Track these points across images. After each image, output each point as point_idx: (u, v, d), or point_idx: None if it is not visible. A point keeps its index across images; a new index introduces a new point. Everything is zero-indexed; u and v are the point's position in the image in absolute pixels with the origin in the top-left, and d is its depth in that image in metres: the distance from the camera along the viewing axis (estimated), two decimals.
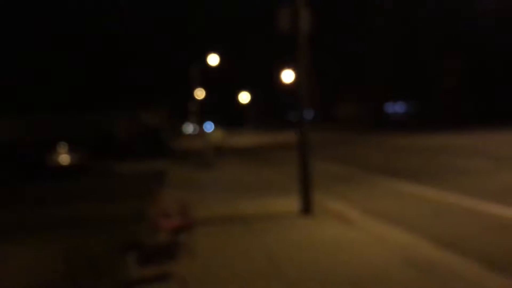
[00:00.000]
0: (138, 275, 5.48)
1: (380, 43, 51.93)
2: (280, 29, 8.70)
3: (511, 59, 40.44)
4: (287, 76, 30.73)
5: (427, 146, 23.64)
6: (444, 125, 41.28)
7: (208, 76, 60.60)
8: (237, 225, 7.93)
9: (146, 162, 22.01)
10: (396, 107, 57.50)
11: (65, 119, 28.83)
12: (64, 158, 20.12)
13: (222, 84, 74.87)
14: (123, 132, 29.62)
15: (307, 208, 8.53)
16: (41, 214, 10.42)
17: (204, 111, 68.02)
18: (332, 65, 58.56)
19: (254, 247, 6.60)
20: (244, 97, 72.11)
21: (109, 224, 8.44)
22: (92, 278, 5.53)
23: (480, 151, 18.16)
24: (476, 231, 7.07)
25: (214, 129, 20.68)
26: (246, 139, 42.05)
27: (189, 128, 59.68)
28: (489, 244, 6.36)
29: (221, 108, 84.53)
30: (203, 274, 5.56)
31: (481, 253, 5.93)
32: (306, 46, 8.63)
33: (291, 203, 9.20)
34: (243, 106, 75.14)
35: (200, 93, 61.46)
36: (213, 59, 45.50)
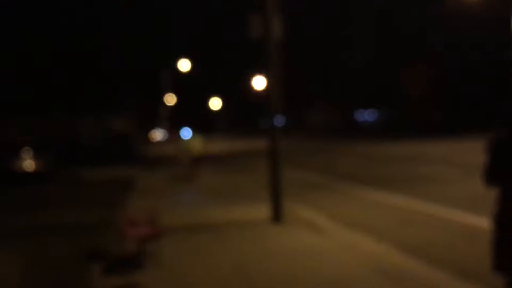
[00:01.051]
0: (102, 285, 5.31)
1: (351, 51, 52.65)
2: (251, 36, 8.67)
3: (477, 69, 41.49)
4: (258, 82, 30.76)
5: (396, 154, 23.98)
6: (412, 133, 42.08)
7: (178, 82, 60.32)
8: (206, 234, 7.82)
9: (114, 169, 21.62)
10: (366, 115, 58.28)
11: (29, 123, 28.15)
12: (28, 164, 19.60)
13: (192, 90, 74.55)
14: (90, 138, 29.11)
15: (277, 216, 8.48)
16: (0, 221, 10.06)
17: (174, 116, 67.60)
18: (303, 72, 59.00)
19: (223, 255, 6.50)
20: (215, 103, 71.91)
21: (73, 232, 8.19)
22: None
23: (448, 159, 18.49)
24: (444, 239, 7.14)
25: (193, 137, 18.16)
26: (217, 145, 41.88)
27: (158, 134, 59.12)
28: (457, 252, 6.42)
29: (191, 114, 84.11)
30: (169, 283, 5.44)
31: (449, 261, 5.97)
32: (276, 53, 8.61)
33: (261, 210, 9.12)
34: (214, 112, 74.91)
35: (170, 99, 61.11)
36: (183, 65, 45.29)
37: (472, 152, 21.66)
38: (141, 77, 39.69)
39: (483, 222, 8.00)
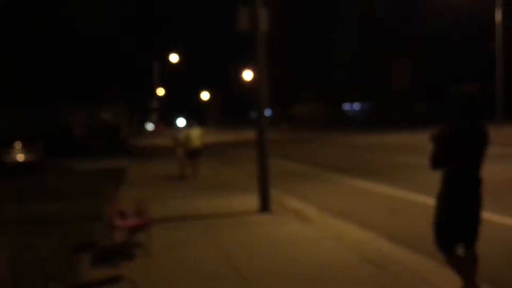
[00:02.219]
0: (89, 277, 5.38)
1: (339, 44, 52.73)
2: (239, 28, 8.71)
3: (460, 60, 41.71)
4: (248, 74, 30.76)
5: (381, 144, 24.17)
6: (396, 124, 42.46)
7: (169, 74, 60.10)
8: (195, 225, 7.89)
9: (104, 160, 21.60)
10: (352, 107, 58.50)
11: (21, 114, 27.97)
12: (18, 154, 19.52)
13: (183, 82, 74.30)
14: (81, 129, 29.00)
15: (265, 206, 8.58)
16: None
17: (164, 108, 67.31)
18: (291, 64, 59.02)
19: (212, 246, 6.59)
20: (205, 95, 71.80)
21: (62, 223, 8.22)
22: (39, 282, 5.36)
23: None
24: (428, 226, 7.22)
25: (191, 127, 14.90)
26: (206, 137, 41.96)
27: (149, 125, 58.90)
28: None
29: (182, 105, 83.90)
30: (158, 274, 5.51)
31: (434, 248, 6.08)
32: (264, 45, 8.67)
33: (250, 201, 9.22)
34: (203, 103, 74.80)
35: (161, 91, 60.85)
36: (174, 57, 45.21)
37: None
38: (131, 69, 39.54)
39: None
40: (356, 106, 57.51)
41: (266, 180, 8.65)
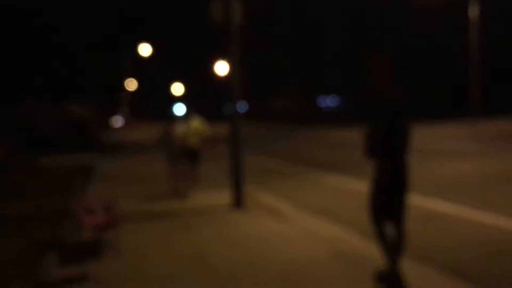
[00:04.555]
0: (56, 276, 5.15)
1: (314, 40, 52.86)
2: (213, 21, 8.53)
3: (436, 55, 42.30)
4: (221, 68, 30.50)
5: (357, 139, 24.26)
6: None
7: (141, 67, 59.22)
8: (166, 221, 7.71)
9: (73, 156, 21.11)
10: (328, 101, 58.78)
11: None
12: None
13: (155, 75, 73.44)
14: (48, 125, 28.26)
15: (238, 202, 8.45)
16: None
17: (135, 102, 66.37)
18: (266, 58, 58.93)
19: (183, 243, 6.43)
20: (177, 89, 71.11)
21: (29, 222, 7.94)
22: (4, 282, 5.11)
23: None
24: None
25: (190, 118, 10.82)
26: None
27: (119, 120, 58.01)
28: (413, 235, 6.54)
29: (153, 99, 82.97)
30: (128, 272, 5.32)
31: (408, 244, 6.07)
32: (238, 38, 8.51)
33: (223, 197, 9.08)
34: (175, 97, 74.01)
35: (131, 84, 59.96)
36: (144, 49, 44.41)
37: (430, 137, 22.21)
38: (100, 62, 38.73)
39: (441, 207, 8.21)
40: (332, 100, 57.81)
41: (239, 176, 8.51)
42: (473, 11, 29.40)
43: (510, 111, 34.54)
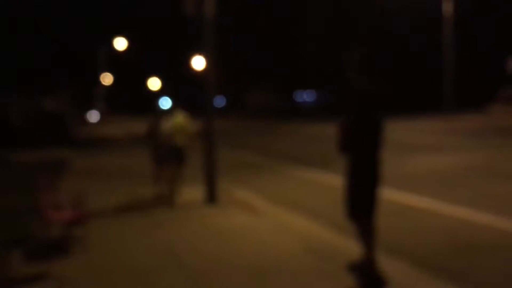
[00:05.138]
0: (16, 274, 5.01)
1: (291, 35, 52.87)
2: (184, 13, 8.41)
3: (412, 51, 42.72)
4: (197, 62, 30.25)
5: (332, 134, 24.34)
6: None
7: (115, 61, 58.45)
8: (138, 216, 7.60)
9: (46, 151, 20.72)
10: (305, 96, 58.93)
11: None
12: None
13: (130, 69, 72.62)
14: (21, 119, 27.67)
15: (212, 198, 8.37)
16: None
17: (111, 97, 65.55)
18: (244, 52, 58.77)
19: (155, 238, 6.33)
20: (154, 83, 70.49)
21: None
22: None
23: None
24: (380, 218, 7.27)
25: (175, 113, 9.02)
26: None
27: (94, 114, 57.16)
28: (386, 229, 6.56)
29: (129, 93, 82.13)
30: (96, 269, 5.21)
31: (379, 238, 6.08)
32: (212, 31, 8.40)
33: (196, 193, 8.97)
34: (153, 92, 73.32)
35: (107, 79, 59.13)
36: (120, 43, 43.82)
37: (405, 131, 22.41)
38: (75, 55, 37.97)
39: (413, 200, 8.27)
40: (310, 95, 57.95)
41: (213, 171, 8.43)
42: (447, 8, 29.75)
43: (483, 106, 35.11)
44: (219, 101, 72.91)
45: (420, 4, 38.34)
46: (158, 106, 9.25)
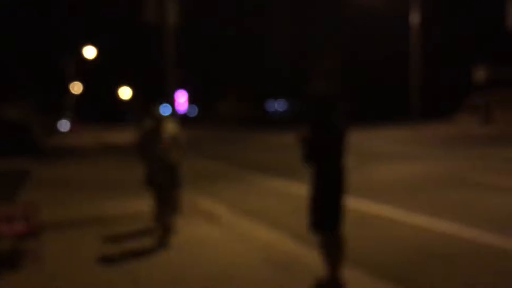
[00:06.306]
0: None
1: (263, 44, 53.12)
2: (146, 20, 8.31)
3: (370, 61, 43.27)
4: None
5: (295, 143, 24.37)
6: None
7: (84, 70, 57.61)
8: (95, 228, 7.39)
9: (9, 160, 20.18)
10: (276, 105, 59.19)
11: None
12: None
13: (101, 77, 71.74)
14: None
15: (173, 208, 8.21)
16: None
17: (81, 106, 64.52)
18: (214, 62, 58.74)
19: (109, 251, 6.15)
20: (125, 92, 69.73)
21: None
22: None
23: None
24: (343, 227, 7.25)
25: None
26: (124, 135, 40.62)
27: (63, 124, 56.15)
28: (347, 238, 6.55)
29: (100, 102, 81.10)
30: (47, 284, 5.03)
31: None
32: (173, 38, 8.32)
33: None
34: (123, 101, 72.57)
35: (76, 88, 58.22)
36: (89, 52, 43.31)
37: (371, 140, 22.65)
38: (41, 64, 37.29)
39: (376, 209, 8.29)
40: (281, 104, 58.21)
41: None
42: (414, 17, 30.31)
43: (450, 115, 35.79)
44: (192, 111, 72.60)
45: (387, 15, 39.00)
46: (157, 111, 6.53)
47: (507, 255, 5.66)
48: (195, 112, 73.65)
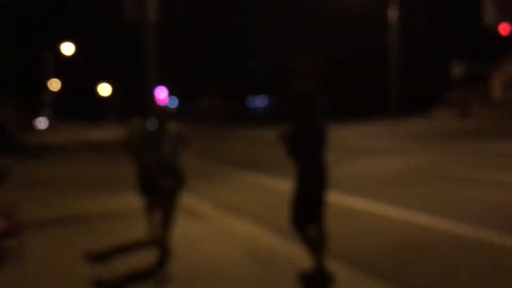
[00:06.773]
0: None
1: (245, 41, 53.10)
2: (125, 18, 8.29)
3: (350, 58, 43.61)
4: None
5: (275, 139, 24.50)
6: None
7: (63, 66, 56.90)
8: (77, 226, 7.37)
9: None
10: (257, 102, 59.24)
11: None
12: None
13: (80, 74, 70.96)
14: None
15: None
16: None
17: (59, 103, 63.72)
18: (195, 59, 58.52)
19: (94, 248, 6.15)
20: (104, 89, 69.08)
21: None
22: None
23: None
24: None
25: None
26: (104, 132, 40.31)
27: (42, 122, 55.38)
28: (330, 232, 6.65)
29: (78, 100, 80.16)
30: (30, 282, 5.02)
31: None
32: (153, 35, 8.31)
33: (138, 200, 8.79)
34: (102, 98, 71.86)
35: (55, 84, 57.47)
36: (67, 48, 42.77)
37: (351, 136, 22.89)
38: (19, 60, 36.74)
39: (355, 203, 8.42)
40: (262, 101, 58.29)
41: None
42: (392, 14, 30.65)
43: (428, 111, 36.30)
44: (172, 102, 72.16)
45: (366, 11, 39.31)
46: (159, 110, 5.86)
47: (483, 245, 5.82)
48: (175, 103, 73.21)
